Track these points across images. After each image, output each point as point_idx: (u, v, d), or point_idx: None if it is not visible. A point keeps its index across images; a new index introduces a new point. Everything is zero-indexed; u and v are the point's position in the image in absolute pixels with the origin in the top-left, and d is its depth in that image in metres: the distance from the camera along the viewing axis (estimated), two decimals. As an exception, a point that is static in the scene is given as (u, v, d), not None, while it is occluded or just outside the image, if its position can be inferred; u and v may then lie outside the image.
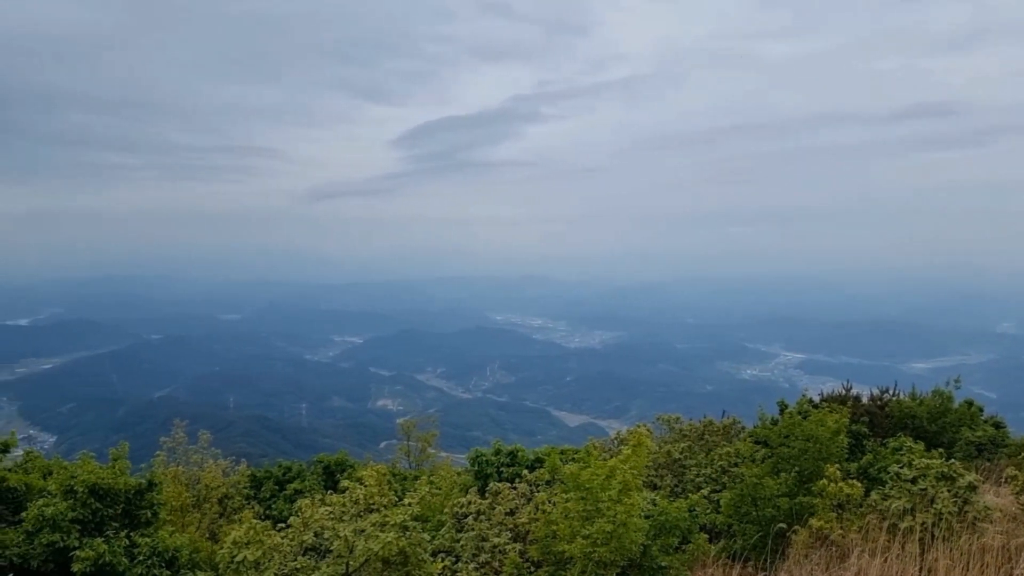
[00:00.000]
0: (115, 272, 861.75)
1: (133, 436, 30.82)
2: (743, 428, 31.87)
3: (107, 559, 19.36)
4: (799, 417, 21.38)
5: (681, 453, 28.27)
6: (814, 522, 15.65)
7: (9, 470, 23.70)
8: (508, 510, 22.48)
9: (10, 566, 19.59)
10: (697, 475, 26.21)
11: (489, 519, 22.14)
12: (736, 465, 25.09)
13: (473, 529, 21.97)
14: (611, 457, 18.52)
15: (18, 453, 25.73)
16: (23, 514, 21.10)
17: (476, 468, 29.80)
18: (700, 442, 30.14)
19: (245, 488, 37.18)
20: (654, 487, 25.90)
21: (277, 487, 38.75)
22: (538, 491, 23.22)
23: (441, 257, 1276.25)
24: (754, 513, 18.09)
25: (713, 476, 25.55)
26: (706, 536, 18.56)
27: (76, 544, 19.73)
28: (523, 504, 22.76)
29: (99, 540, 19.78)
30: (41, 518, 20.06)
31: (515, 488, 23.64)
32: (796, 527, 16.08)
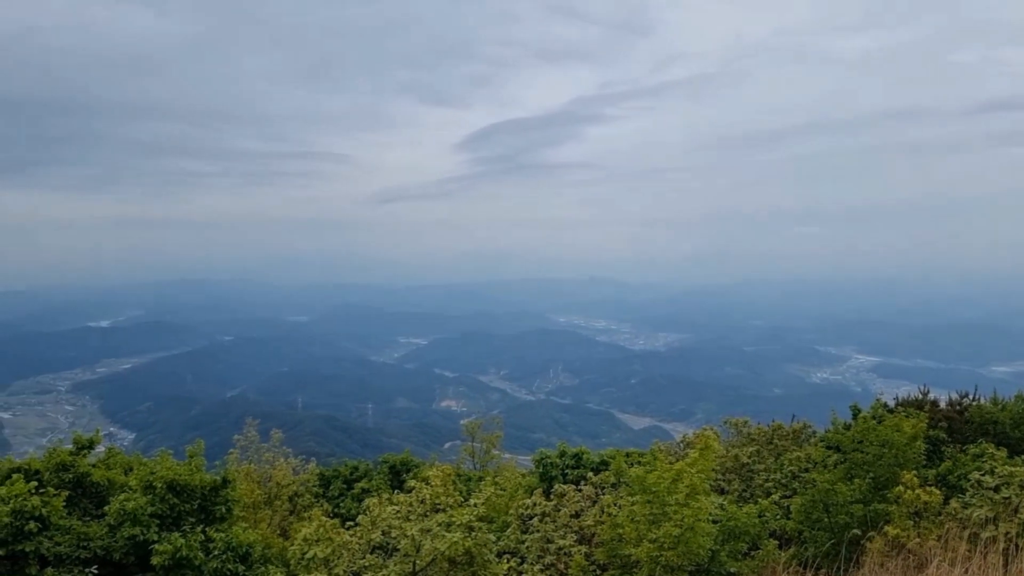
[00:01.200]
0: (191, 275, 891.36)
1: (207, 434, 31.73)
2: (814, 433, 31.15)
3: (184, 553, 19.99)
4: (874, 422, 20.80)
5: (749, 457, 27.75)
6: (890, 530, 15.21)
7: (93, 466, 24.70)
8: (573, 512, 22.43)
9: (94, 558, 20.41)
10: (766, 480, 25.71)
11: (554, 521, 22.12)
12: (807, 470, 24.57)
13: (538, 531, 21.98)
14: (677, 460, 18.32)
15: (100, 450, 26.80)
16: (106, 508, 21.95)
17: (541, 470, 29.80)
18: (769, 446, 29.54)
19: (314, 486, 37.98)
20: (722, 491, 25.50)
21: (345, 486, 39.44)
22: (604, 494, 23.10)
23: (504, 259, 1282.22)
24: (826, 520, 17.67)
25: (783, 481, 25.03)
26: (776, 542, 18.20)
27: (155, 538, 20.43)
28: (588, 506, 22.68)
29: (177, 534, 20.46)
30: (123, 512, 20.85)
31: (580, 490, 23.56)
32: (871, 534, 15.65)
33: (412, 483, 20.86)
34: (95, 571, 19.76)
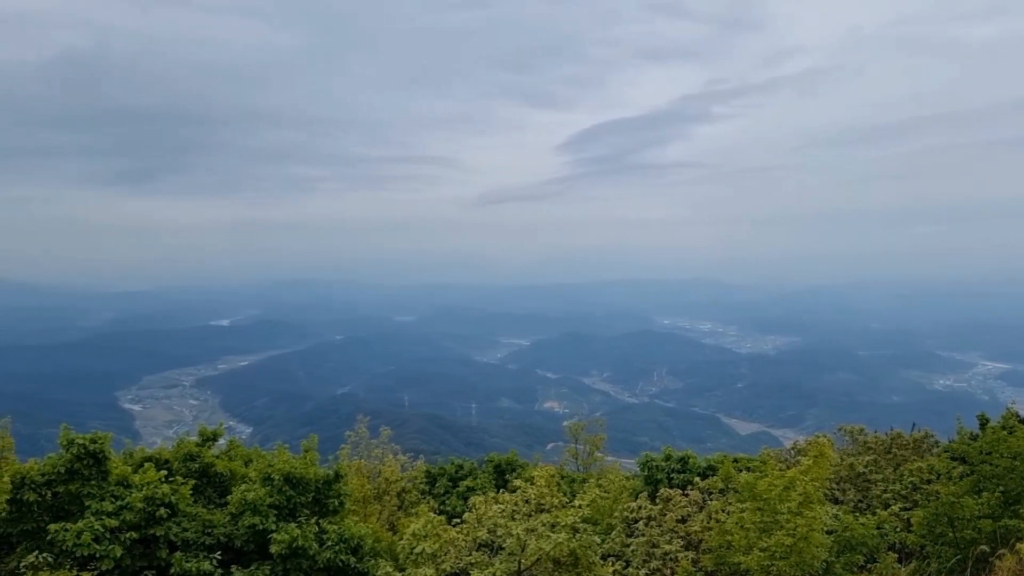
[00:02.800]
0: (304, 276, 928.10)
1: (318, 430, 32.99)
2: (936, 442, 29.71)
3: (300, 543, 20.87)
4: (1004, 432, 19.61)
5: (866, 467, 26.66)
6: (1022, 547, 14.32)
7: (217, 457, 26.09)
8: (680, 517, 22.11)
9: (218, 544, 21.55)
10: (884, 491, 24.66)
11: (660, 525, 21.88)
12: (929, 482, 23.46)
13: (643, 535, 21.79)
14: (789, 468, 17.81)
15: (222, 442, 28.27)
16: (228, 497, 23.17)
17: (646, 473, 29.50)
18: (887, 456, 28.30)
19: (421, 483, 38.87)
20: (836, 501, 24.61)
21: (450, 483, 40.18)
22: (711, 499, 22.70)
23: (607, 260, 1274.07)
24: (951, 534, 16.77)
25: (903, 493, 23.95)
26: (895, 556, 17.45)
27: (273, 527, 21.42)
28: (695, 512, 22.33)
29: (293, 525, 21.38)
30: (243, 502, 21.95)
31: (687, 495, 23.22)
32: (1001, 552, 14.77)
33: (517, 483, 21.05)
34: (219, 557, 20.89)
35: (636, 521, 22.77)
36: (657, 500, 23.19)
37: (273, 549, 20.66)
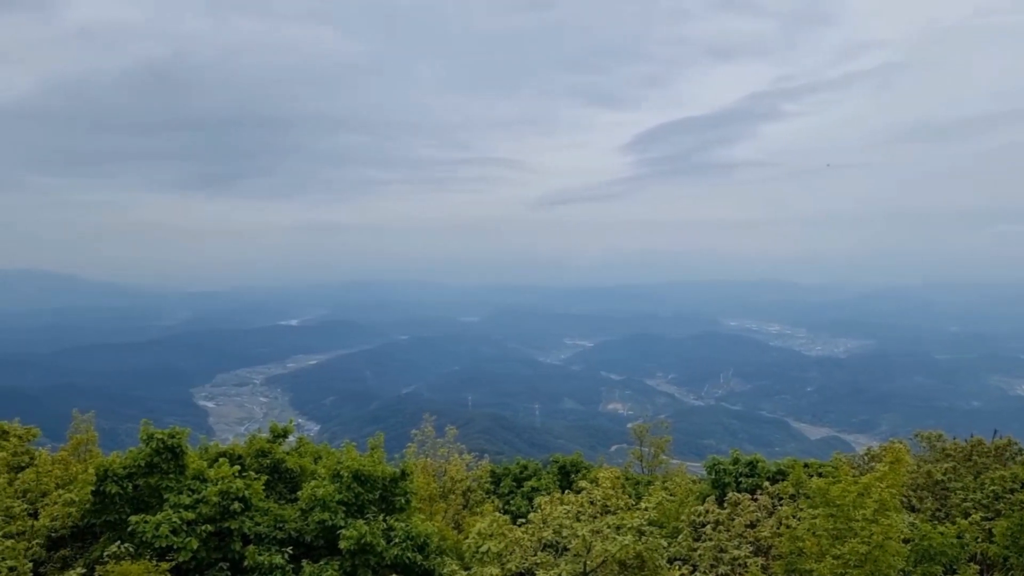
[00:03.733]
0: (370, 278, 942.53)
1: (383, 428, 33.43)
2: (1020, 450, 28.42)
3: (368, 540, 21.22)
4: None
5: (944, 474, 25.69)
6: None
7: (287, 454, 26.75)
8: (749, 522, 21.71)
9: (288, 539, 22.08)
10: (964, 500, 23.71)
11: (728, 530, 21.52)
12: (1013, 491, 22.49)
13: (711, 539, 21.46)
14: (862, 474, 17.33)
15: (292, 439, 28.97)
16: (298, 493, 23.73)
17: (713, 477, 29.07)
18: (967, 464, 27.21)
19: (486, 483, 39.06)
20: (912, 509, 23.80)
21: (515, 483, 40.29)
22: (781, 505, 22.22)
23: (672, 261, 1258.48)
24: (1038, 546, 16.07)
25: (984, 502, 23.00)
26: (976, 568, 16.79)
27: (342, 523, 21.83)
28: (765, 517, 21.88)
29: (361, 522, 21.75)
30: (313, 498, 22.45)
31: (756, 500, 22.78)
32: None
33: (582, 484, 20.99)
34: (290, 551, 21.41)
35: (703, 525, 22.45)
36: (725, 504, 22.82)
37: (342, 545, 21.05)
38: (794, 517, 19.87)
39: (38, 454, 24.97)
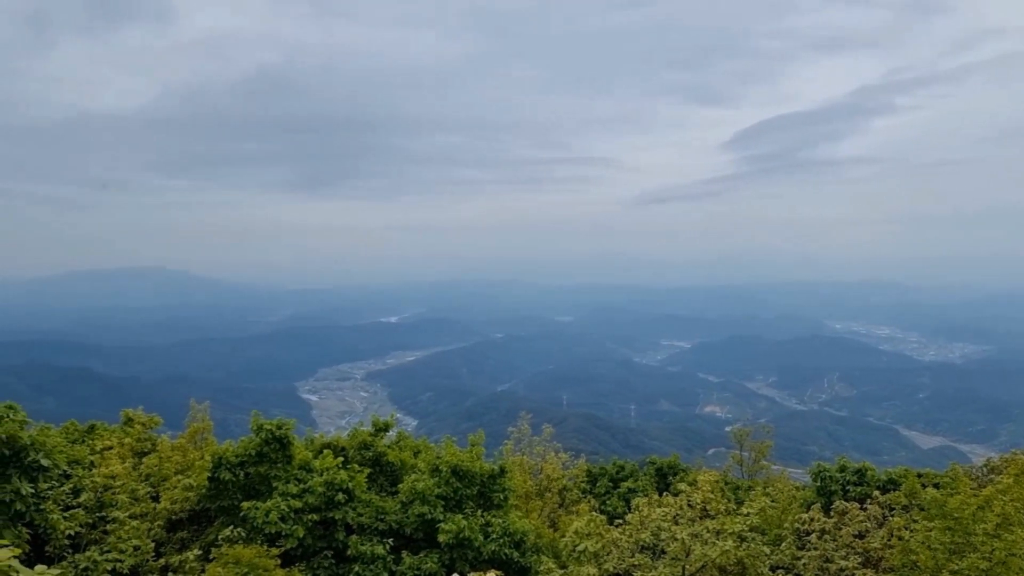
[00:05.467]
0: (466, 276, 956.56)
1: (479, 425, 33.75)
2: None
3: (466, 534, 21.53)
4: None
5: (1075, 489, 24.04)
6: None
7: (388, 447, 27.41)
8: (857, 532, 20.88)
9: (389, 530, 22.62)
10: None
11: (835, 539, 20.76)
12: None
13: (816, 548, 20.76)
14: (981, 486, 16.42)
15: (392, 434, 29.66)
16: (399, 486, 24.28)
17: (819, 484, 28.10)
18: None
19: (582, 482, 39.00)
20: (1038, 526, 22.37)
21: (611, 484, 40.05)
22: (892, 515, 21.29)
23: (774, 261, 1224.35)
24: None
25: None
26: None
27: (440, 517, 22.22)
28: (874, 527, 21.00)
29: (459, 516, 22.08)
30: (413, 491, 22.93)
31: (865, 509, 21.90)
32: None
33: (681, 486, 20.68)
34: (391, 543, 21.94)
35: (808, 533, 21.73)
36: (832, 512, 22.02)
37: (441, 538, 21.41)
38: (907, 529, 19.01)
39: (160, 441, 26.42)
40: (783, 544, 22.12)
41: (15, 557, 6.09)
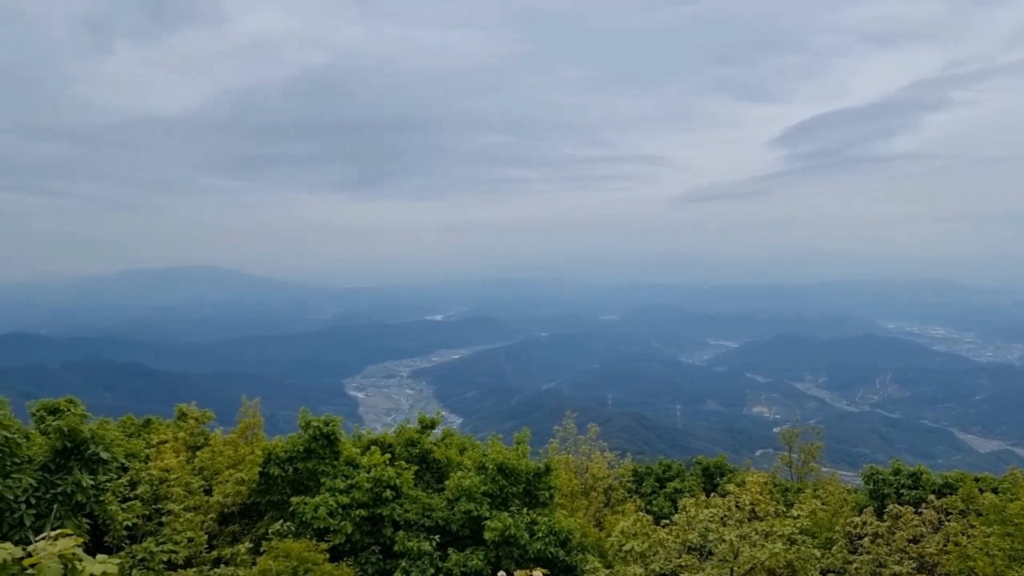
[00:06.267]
0: (511, 275, 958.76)
1: (523, 423, 33.75)
2: None
3: (512, 532, 21.56)
4: None
5: None
6: None
7: (434, 444, 27.60)
8: (911, 537, 20.41)
9: (436, 527, 22.77)
10: None
11: (888, 544, 20.32)
12: None
13: (869, 552, 20.33)
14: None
15: (438, 431, 29.85)
16: (445, 483, 24.44)
17: (871, 487, 27.50)
18: None
19: (628, 482, 38.78)
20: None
21: (657, 484, 39.76)
22: (948, 520, 20.76)
23: (823, 260, 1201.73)
24: None
25: None
26: None
27: (486, 515, 22.29)
28: (930, 532, 20.50)
29: (505, 514, 22.12)
30: (459, 488, 23.04)
31: (919, 513, 21.39)
32: None
33: (729, 487, 20.43)
34: (437, 539, 22.09)
35: (860, 537, 21.30)
36: (885, 516, 21.55)
37: (486, 536, 21.48)
38: (964, 534, 18.52)
39: (212, 436, 27.01)
40: (834, 547, 21.72)
41: (78, 546, 6.31)
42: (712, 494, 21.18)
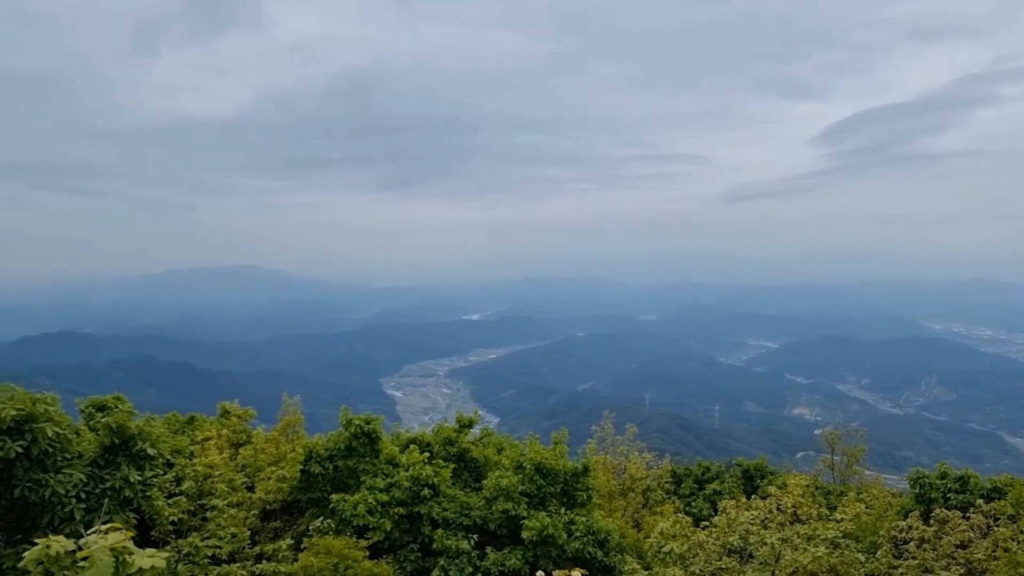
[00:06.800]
0: (549, 274, 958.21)
1: (560, 423, 33.70)
2: None
3: (550, 532, 21.56)
4: None
5: None
6: None
7: (472, 443, 27.70)
8: (959, 542, 19.97)
9: (474, 526, 22.85)
10: None
11: (935, 549, 19.91)
12: None
13: (915, 557, 19.95)
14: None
15: (476, 430, 29.94)
16: (483, 482, 24.51)
17: (917, 491, 26.94)
18: None
19: (666, 482, 38.51)
20: None
21: (696, 485, 39.42)
22: (998, 525, 20.26)
23: (866, 259, 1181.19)
24: None
25: None
26: None
27: (524, 514, 22.31)
28: (978, 538, 20.04)
29: (543, 514, 22.12)
30: (497, 488, 23.09)
31: (967, 518, 20.91)
32: None
33: (770, 489, 20.19)
34: (475, 538, 22.17)
35: (906, 542, 20.90)
36: (931, 521, 21.11)
37: (524, 535, 21.50)
38: (1014, 540, 18.06)
39: (254, 433, 27.42)
40: (879, 552, 21.35)
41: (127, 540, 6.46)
42: (752, 496, 20.95)
